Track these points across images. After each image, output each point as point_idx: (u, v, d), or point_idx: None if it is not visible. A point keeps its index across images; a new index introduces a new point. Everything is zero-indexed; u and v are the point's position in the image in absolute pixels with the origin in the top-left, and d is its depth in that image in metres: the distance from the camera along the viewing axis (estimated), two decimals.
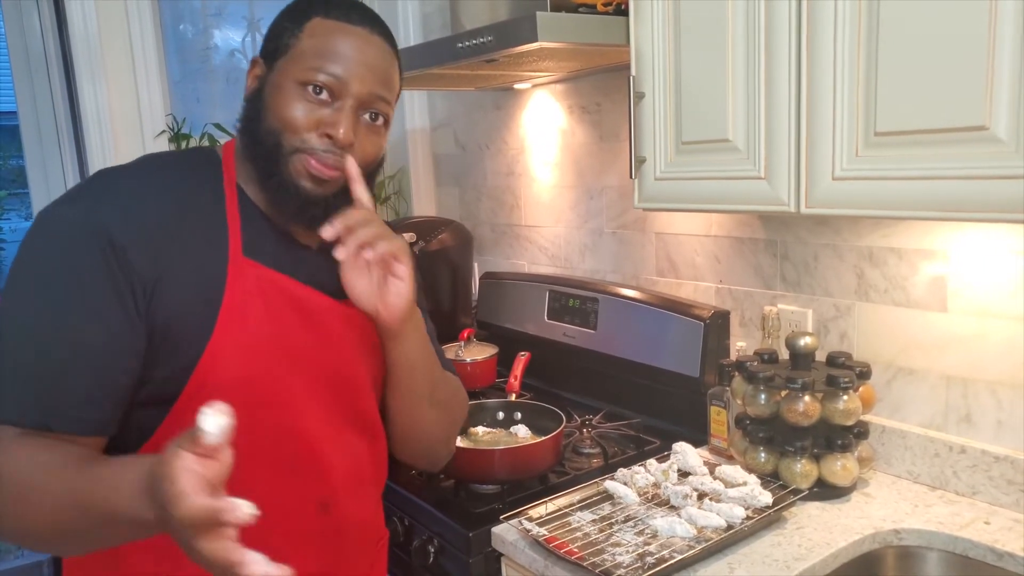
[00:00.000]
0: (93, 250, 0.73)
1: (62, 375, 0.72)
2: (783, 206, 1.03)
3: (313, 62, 0.80)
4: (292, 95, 0.80)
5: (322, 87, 0.80)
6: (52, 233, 0.75)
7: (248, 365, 0.79)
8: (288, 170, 0.81)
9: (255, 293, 0.81)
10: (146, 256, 0.75)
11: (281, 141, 0.81)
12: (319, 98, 0.81)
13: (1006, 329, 1.09)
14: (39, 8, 1.84)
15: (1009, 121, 0.79)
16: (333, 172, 0.81)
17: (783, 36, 0.99)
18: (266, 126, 0.81)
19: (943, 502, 1.14)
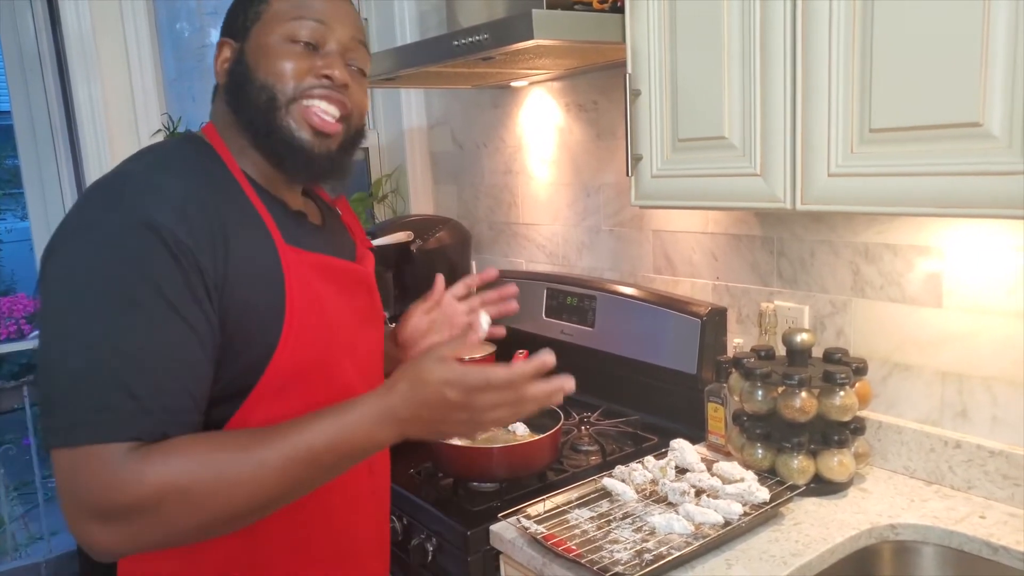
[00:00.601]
0: (163, 253, 0.70)
1: (164, 380, 0.70)
2: (779, 203, 1.03)
3: (293, 16, 0.82)
4: (278, 51, 0.81)
5: (307, 41, 0.82)
6: (111, 241, 0.70)
7: (314, 349, 0.82)
8: (287, 123, 0.81)
9: (307, 279, 0.82)
10: (210, 254, 0.73)
11: (276, 94, 0.81)
12: (306, 49, 0.82)
13: (1001, 325, 1.09)
14: (32, 7, 1.83)
15: (1003, 117, 0.80)
16: (334, 125, 0.83)
17: (778, 33, 0.99)
18: (258, 84, 0.81)
19: (939, 497, 1.14)
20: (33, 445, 2.69)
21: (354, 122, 0.87)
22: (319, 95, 0.82)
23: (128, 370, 0.68)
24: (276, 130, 0.81)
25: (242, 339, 0.76)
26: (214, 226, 0.74)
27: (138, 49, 1.84)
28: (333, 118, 0.83)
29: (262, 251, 0.79)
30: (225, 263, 0.75)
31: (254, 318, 0.77)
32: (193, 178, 0.78)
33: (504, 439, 1.38)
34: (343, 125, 0.85)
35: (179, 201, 0.73)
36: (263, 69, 0.81)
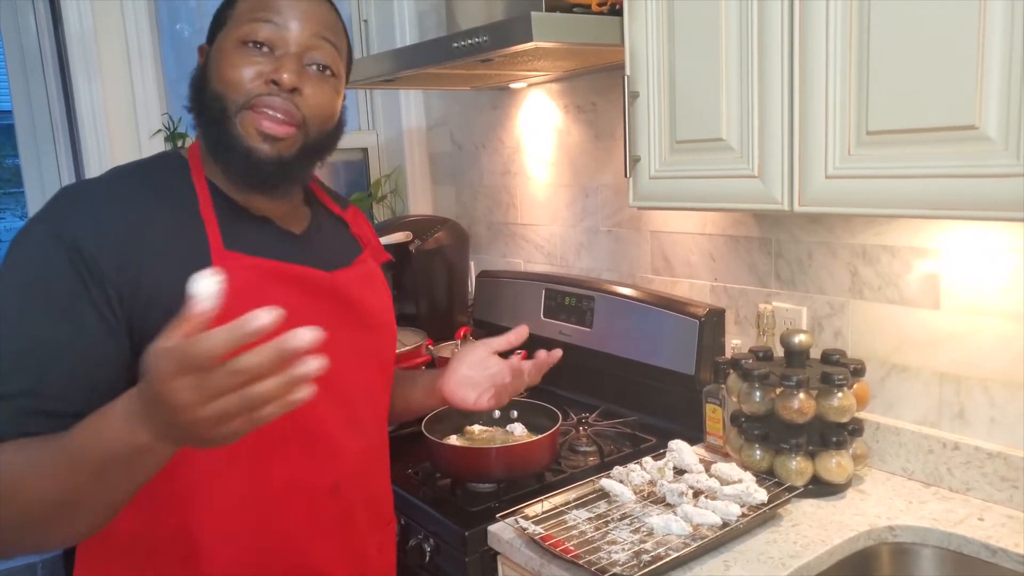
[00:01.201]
0: (63, 261, 0.72)
1: (39, 386, 0.71)
2: (776, 204, 1.03)
3: (249, 18, 0.80)
4: (232, 55, 0.80)
5: (262, 42, 0.79)
6: (24, 250, 0.75)
7: None
8: (237, 131, 0.79)
9: (245, 283, 0.79)
10: (118, 262, 0.74)
11: (226, 104, 0.79)
12: (260, 52, 0.80)
13: (998, 326, 1.09)
14: (35, 7, 1.83)
15: (999, 120, 0.80)
16: (284, 128, 0.80)
17: (775, 36, 0.99)
18: (210, 92, 0.80)
19: (937, 499, 1.14)
20: None
21: (312, 126, 0.83)
22: (266, 103, 0.79)
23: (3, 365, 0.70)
24: (226, 139, 0.80)
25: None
26: (130, 236, 0.75)
27: (139, 50, 1.84)
28: (283, 123, 0.80)
29: (192, 258, 0.77)
30: (136, 268, 0.74)
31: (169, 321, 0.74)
32: (127, 188, 0.80)
33: (502, 439, 1.38)
34: (298, 130, 0.82)
35: (92, 209, 0.76)
36: (216, 76, 0.81)
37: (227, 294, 0.74)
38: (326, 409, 0.85)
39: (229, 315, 0.74)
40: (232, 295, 0.76)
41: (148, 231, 0.77)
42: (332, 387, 0.85)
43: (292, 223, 0.89)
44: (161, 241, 0.77)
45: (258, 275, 0.81)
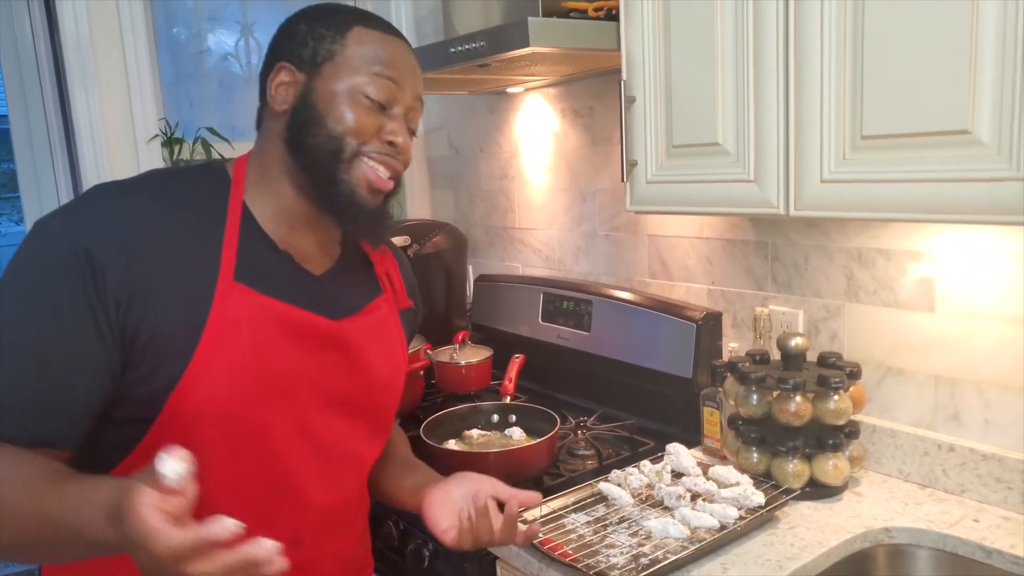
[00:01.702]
0: (69, 264, 0.72)
1: (17, 384, 0.71)
2: (772, 208, 1.04)
3: (370, 70, 0.82)
4: (351, 102, 0.81)
5: (379, 100, 0.82)
6: (36, 244, 0.75)
7: (228, 392, 0.77)
8: (347, 178, 0.81)
9: (242, 319, 0.78)
10: (126, 274, 0.73)
11: (343, 147, 0.81)
12: (374, 106, 0.82)
13: (993, 329, 1.10)
14: (30, 13, 1.84)
15: (991, 124, 0.81)
16: (389, 184, 0.84)
17: (771, 41, 1.00)
18: (327, 132, 0.81)
19: (933, 500, 1.15)
20: None
21: (400, 177, 0.88)
22: (379, 159, 0.83)
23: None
24: (335, 182, 0.82)
25: (148, 365, 0.75)
26: (141, 248, 0.74)
27: (136, 55, 1.84)
28: (387, 178, 0.84)
29: (199, 283, 0.77)
30: (142, 282, 0.74)
31: (165, 346, 0.75)
32: (156, 199, 0.79)
33: (501, 444, 1.38)
34: (393, 182, 0.86)
35: (114, 216, 0.75)
36: (333, 118, 0.81)
37: (225, 329, 0.77)
38: (299, 459, 0.84)
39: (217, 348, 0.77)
40: (229, 328, 0.77)
41: (162, 247, 0.76)
42: (311, 438, 0.85)
43: (314, 262, 0.88)
44: (173, 259, 0.76)
45: (259, 314, 0.80)
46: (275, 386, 0.81)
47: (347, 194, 0.82)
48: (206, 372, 0.76)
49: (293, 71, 0.83)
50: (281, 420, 0.82)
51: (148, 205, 0.78)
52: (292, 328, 0.82)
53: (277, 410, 0.81)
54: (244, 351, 0.78)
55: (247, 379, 0.78)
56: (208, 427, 0.77)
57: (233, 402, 0.78)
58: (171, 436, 0.74)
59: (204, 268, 0.78)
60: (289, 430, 0.83)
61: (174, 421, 0.76)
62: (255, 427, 0.80)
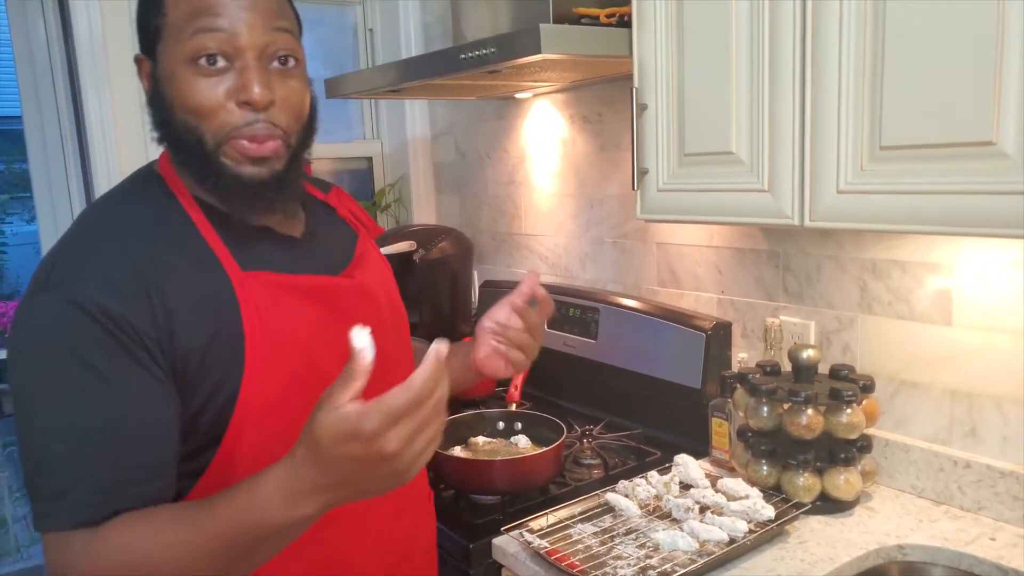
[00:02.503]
0: (93, 330, 0.68)
1: (109, 457, 0.69)
2: (787, 219, 1.02)
3: (191, 30, 0.72)
4: (188, 77, 0.73)
5: (214, 55, 0.72)
6: (44, 327, 0.69)
7: (284, 382, 0.76)
8: (224, 163, 0.75)
9: (269, 305, 0.77)
10: (147, 314, 0.70)
11: (202, 136, 0.74)
12: (216, 68, 0.73)
13: (1012, 344, 1.08)
14: (44, 15, 1.84)
15: (1016, 136, 0.79)
16: (269, 146, 0.75)
17: (787, 48, 0.98)
18: (180, 124, 0.75)
19: (948, 517, 1.13)
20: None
21: (292, 129, 0.78)
22: (247, 135, 0.74)
23: (72, 453, 0.68)
24: (214, 172, 0.76)
25: (206, 385, 0.73)
26: (148, 283, 0.71)
27: None
28: (262, 140, 0.76)
29: (212, 289, 0.75)
30: (168, 318, 0.71)
31: (215, 361, 0.73)
32: (119, 233, 0.74)
33: (506, 452, 1.37)
34: (281, 141, 0.77)
35: (100, 267, 0.71)
36: (180, 103, 0.74)
37: (259, 321, 0.76)
38: None
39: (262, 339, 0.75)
40: (263, 318, 0.76)
41: (163, 274, 0.72)
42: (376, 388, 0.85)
43: (290, 226, 0.86)
44: (179, 279, 0.73)
45: (280, 293, 0.78)
46: (317, 357, 0.79)
47: (233, 177, 0.75)
48: (259, 370, 0.75)
49: (146, 60, 0.79)
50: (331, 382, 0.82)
51: (122, 243, 0.73)
52: (311, 296, 0.81)
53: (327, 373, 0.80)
54: (284, 336, 0.77)
55: (294, 361, 0.77)
56: (274, 421, 0.75)
57: (295, 385, 0.76)
58: (244, 442, 0.74)
59: (211, 274, 0.76)
60: None
61: (243, 427, 0.75)
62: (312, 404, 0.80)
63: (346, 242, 0.93)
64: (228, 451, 0.75)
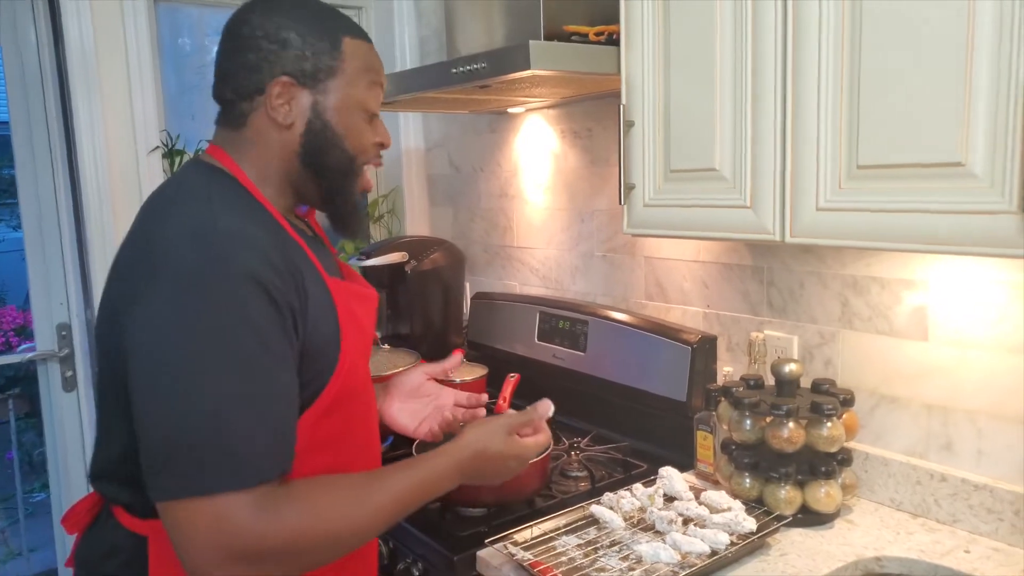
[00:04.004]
0: (265, 303, 0.75)
1: (279, 425, 0.76)
2: (768, 235, 1.04)
3: (365, 81, 0.88)
4: (360, 120, 0.89)
5: (377, 108, 0.91)
6: (216, 293, 0.73)
7: (358, 371, 0.89)
8: (355, 188, 0.91)
9: (349, 309, 0.88)
10: (297, 297, 0.79)
11: (355, 165, 0.90)
12: (371, 115, 0.91)
13: (986, 359, 1.11)
14: (36, 23, 1.85)
15: (985, 158, 0.82)
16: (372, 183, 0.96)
17: (769, 70, 1.01)
18: (344, 152, 0.88)
19: (924, 530, 1.15)
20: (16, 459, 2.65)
21: None
22: (374, 163, 0.93)
23: (248, 418, 0.72)
24: (350, 196, 0.91)
25: (310, 370, 0.82)
26: (292, 267, 0.79)
27: (139, 68, 1.85)
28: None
29: (320, 286, 0.84)
30: (305, 300, 0.80)
31: (321, 351, 0.83)
32: (258, 221, 0.82)
33: None
34: None
35: (265, 248, 0.77)
36: (350, 138, 0.88)
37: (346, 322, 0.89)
38: (373, 407, 0.98)
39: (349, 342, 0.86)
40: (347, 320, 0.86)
41: (290, 260, 0.80)
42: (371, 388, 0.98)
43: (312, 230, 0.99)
44: (300, 268, 0.81)
45: (352, 299, 0.89)
46: (366, 356, 0.94)
47: (352, 203, 0.91)
48: (348, 362, 0.86)
49: (294, 86, 0.84)
50: (367, 380, 0.95)
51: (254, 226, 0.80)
52: (363, 303, 0.94)
53: (367, 375, 0.95)
54: (356, 336, 0.88)
55: (362, 362, 0.91)
56: (339, 406, 0.86)
57: (357, 382, 0.89)
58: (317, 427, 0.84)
59: (311, 269, 0.84)
60: (370, 386, 0.96)
61: (315, 412, 0.83)
62: (363, 393, 0.92)
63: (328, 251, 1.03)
64: (305, 431, 0.81)
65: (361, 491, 0.80)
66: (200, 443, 0.70)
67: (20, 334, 3.61)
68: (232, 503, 0.70)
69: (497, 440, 0.91)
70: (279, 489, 0.74)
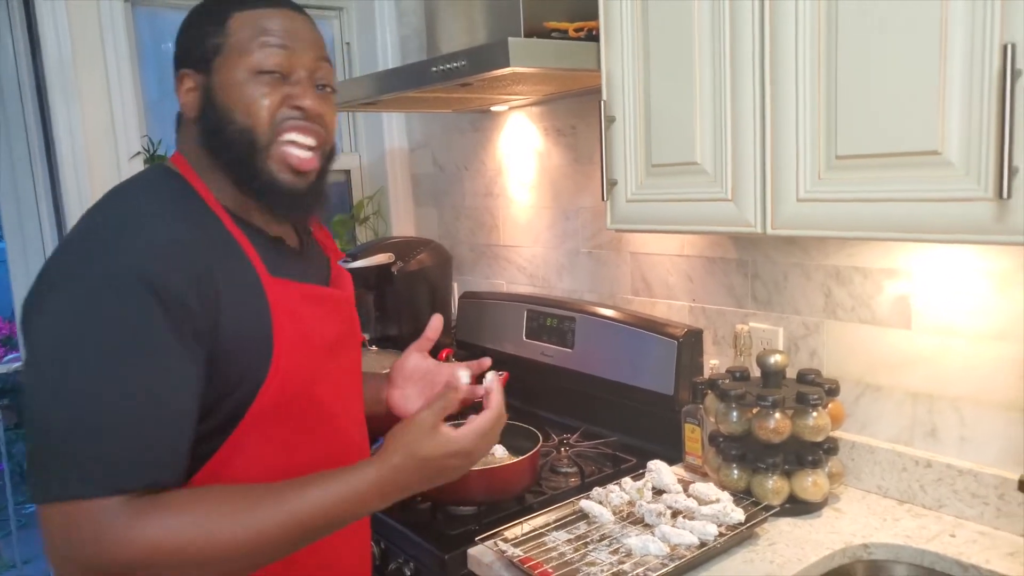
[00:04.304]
0: (150, 302, 0.70)
1: (152, 431, 0.71)
2: (750, 227, 1.05)
3: (256, 48, 0.81)
4: (248, 85, 0.81)
5: (275, 69, 0.81)
6: (98, 293, 0.70)
7: (301, 378, 0.83)
8: (268, 167, 0.82)
9: (291, 311, 0.83)
10: (199, 297, 0.74)
11: (255, 137, 0.81)
12: (274, 79, 0.82)
13: (967, 346, 1.12)
14: (12, 33, 1.83)
15: (960, 146, 0.83)
16: (311, 162, 0.84)
17: (747, 62, 1.02)
18: (236, 127, 0.81)
19: (910, 516, 1.16)
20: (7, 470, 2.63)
21: (328, 147, 0.88)
22: (292, 127, 0.82)
23: (116, 422, 0.69)
24: (258, 174, 0.82)
25: (232, 375, 0.77)
26: (201, 268, 0.75)
27: (119, 75, 1.83)
28: (310, 153, 0.84)
29: (248, 287, 0.80)
30: (216, 304, 0.75)
31: (243, 355, 0.78)
32: (177, 218, 0.78)
33: (483, 461, 1.37)
34: (318, 155, 0.86)
35: (166, 246, 0.74)
36: (238, 110, 0.81)
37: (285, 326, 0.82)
38: (342, 416, 0.92)
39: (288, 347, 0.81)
40: (287, 323, 0.82)
41: (211, 263, 0.76)
42: (342, 395, 0.92)
43: (290, 239, 0.92)
44: (223, 269, 0.77)
45: (298, 301, 0.84)
46: (322, 363, 0.87)
47: (272, 183, 0.83)
48: (285, 368, 0.81)
49: (193, 75, 0.84)
50: (328, 389, 0.88)
51: (181, 227, 0.77)
52: (319, 305, 0.88)
53: (326, 384, 0.88)
54: (301, 340, 0.83)
55: (306, 365, 0.84)
56: (282, 414, 0.81)
57: (304, 386, 0.84)
58: (251, 435, 0.79)
59: (247, 274, 0.80)
60: (334, 395, 0.90)
61: (255, 420, 0.79)
62: (315, 403, 0.86)
63: (323, 258, 0.99)
64: (239, 440, 0.79)
65: (250, 507, 0.72)
66: (57, 449, 0.68)
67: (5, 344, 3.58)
68: (84, 511, 0.67)
69: (423, 441, 0.78)
70: (150, 499, 0.69)
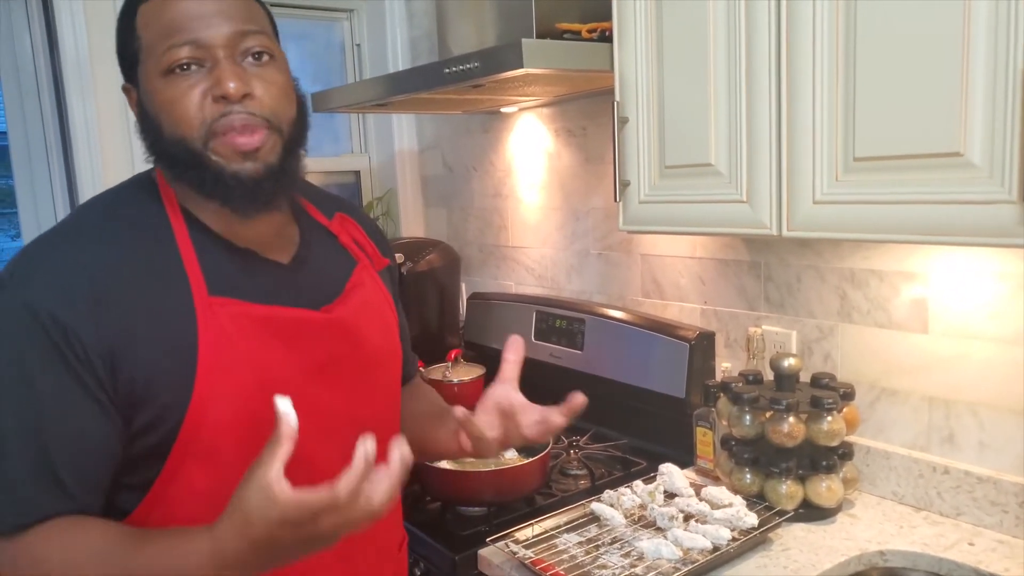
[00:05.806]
0: (38, 336, 0.68)
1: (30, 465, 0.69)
2: (765, 230, 1.04)
3: (164, 47, 0.74)
4: (165, 88, 0.74)
5: (186, 62, 0.74)
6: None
7: (235, 411, 0.74)
8: (215, 160, 0.75)
9: (231, 333, 0.75)
10: (96, 327, 0.70)
11: (189, 143, 0.74)
12: (190, 72, 0.74)
13: (986, 350, 1.10)
14: (31, 31, 1.85)
15: (983, 147, 0.81)
16: (257, 137, 0.75)
17: (763, 63, 1.01)
18: (167, 137, 0.75)
19: (927, 523, 1.14)
20: None
21: (280, 119, 0.78)
22: (226, 126, 0.74)
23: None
24: (208, 175, 0.75)
25: (149, 401, 0.72)
26: (101, 294, 0.71)
27: None
28: (252, 132, 0.75)
29: (172, 308, 0.74)
30: (117, 333, 0.71)
31: (162, 385, 0.72)
32: (109, 240, 0.75)
33: (493, 463, 1.37)
34: (268, 131, 0.76)
35: (58, 272, 0.71)
36: (164, 120, 0.75)
37: (217, 349, 0.74)
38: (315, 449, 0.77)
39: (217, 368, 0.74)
40: (222, 347, 0.74)
41: (122, 286, 0.72)
42: (321, 424, 0.80)
43: (279, 250, 0.83)
44: (138, 295, 0.72)
45: (246, 323, 0.76)
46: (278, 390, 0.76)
47: (224, 176, 0.75)
48: (211, 398, 0.73)
49: (131, 89, 0.80)
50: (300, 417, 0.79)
51: (91, 248, 0.73)
52: (282, 330, 0.78)
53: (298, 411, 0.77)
54: (242, 366, 0.75)
55: (251, 392, 0.75)
56: (222, 450, 0.74)
57: (242, 418, 0.74)
58: (189, 467, 0.73)
59: (175, 294, 0.74)
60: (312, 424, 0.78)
61: (187, 452, 0.74)
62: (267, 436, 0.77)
63: (340, 272, 0.89)
64: (171, 473, 0.74)
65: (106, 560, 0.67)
66: None
67: None
68: None
69: (251, 497, 0.60)
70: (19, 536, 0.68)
